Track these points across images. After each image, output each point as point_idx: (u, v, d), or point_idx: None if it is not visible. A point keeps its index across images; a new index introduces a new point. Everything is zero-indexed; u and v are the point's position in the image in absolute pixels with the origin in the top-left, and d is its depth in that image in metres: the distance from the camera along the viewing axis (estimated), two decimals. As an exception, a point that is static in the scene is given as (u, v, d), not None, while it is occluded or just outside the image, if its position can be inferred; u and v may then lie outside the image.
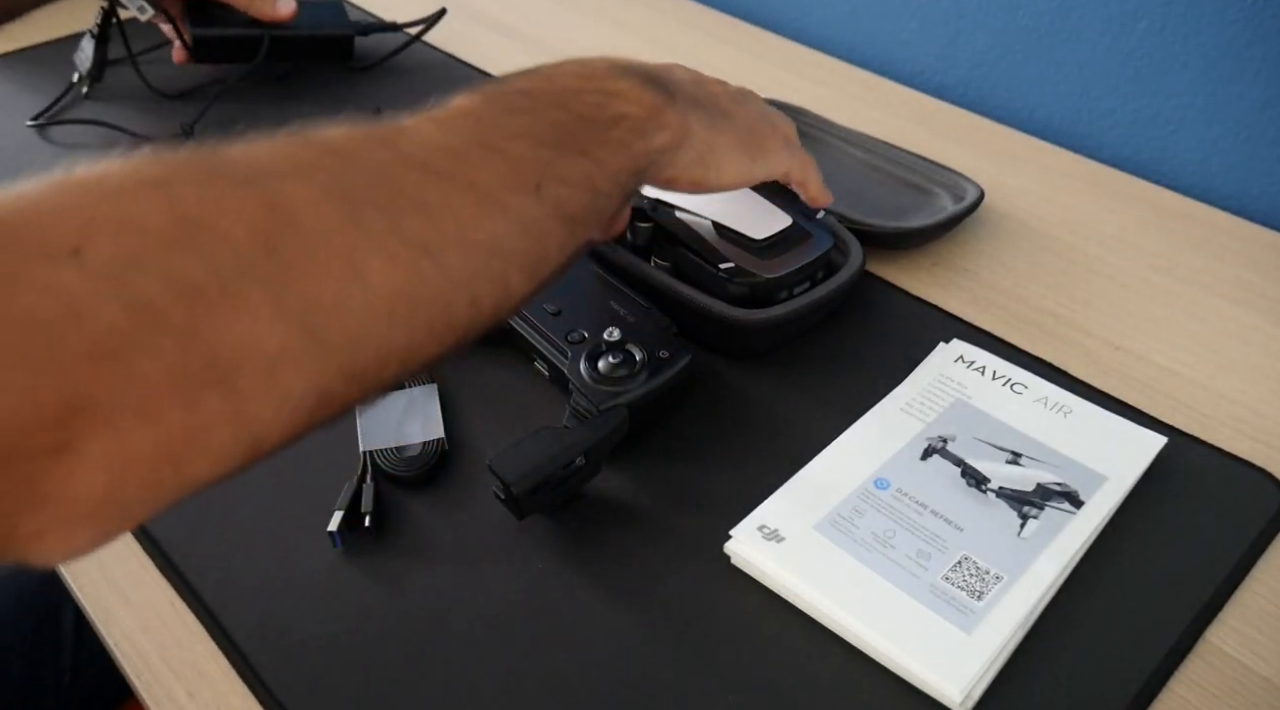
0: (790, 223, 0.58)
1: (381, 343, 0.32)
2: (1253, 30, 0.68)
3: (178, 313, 0.27)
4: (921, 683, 0.42)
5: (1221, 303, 0.63)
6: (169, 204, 0.28)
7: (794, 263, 0.57)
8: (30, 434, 0.25)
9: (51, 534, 0.27)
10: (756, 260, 0.56)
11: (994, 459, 0.51)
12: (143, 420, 0.27)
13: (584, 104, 0.41)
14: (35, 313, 0.25)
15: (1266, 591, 0.46)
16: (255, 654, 0.44)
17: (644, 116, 0.43)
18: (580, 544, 0.48)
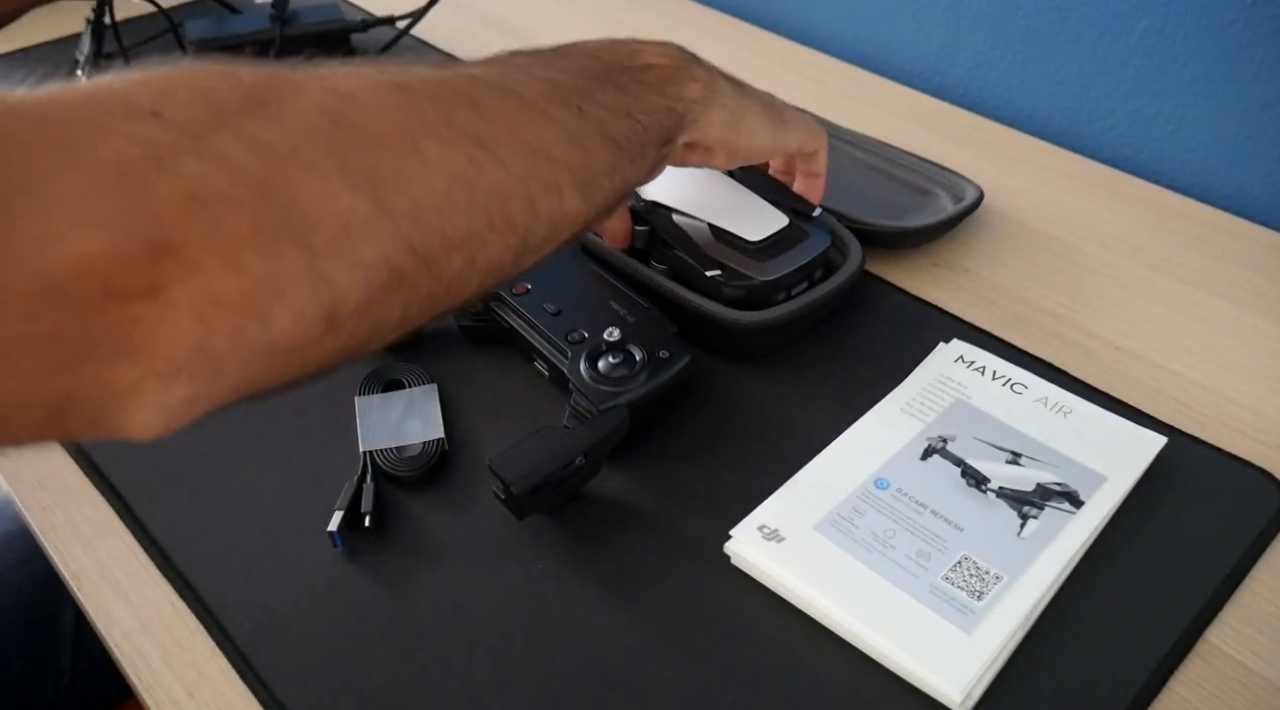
0: (787, 223, 0.58)
1: (444, 222, 0.33)
2: (1253, 30, 0.68)
3: (253, 167, 0.29)
4: (921, 683, 0.42)
5: (1221, 303, 0.63)
6: (237, 80, 0.30)
7: (790, 264, 0.56)
8: (123, 272, 0.26)
9: (148, 388, 0.28)
10: (752, 262, 0.56)
11: (994, 459, 0.51)
12: (227, 266, 0.28)
13: (615, 54, 0.43)
14: (124, 158, 0.27)
15: (1266, 591, 0.46)
16: (255, 654, 0.44)
17: (674, 67, 0.44)
18: (580, 544, 0.48)
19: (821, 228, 0.59)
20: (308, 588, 0.47)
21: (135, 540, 0.49)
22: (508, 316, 0.56)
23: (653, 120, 0.42)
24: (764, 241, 0.57)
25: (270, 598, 0.46)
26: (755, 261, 0.56)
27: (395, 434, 0.52)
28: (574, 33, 0.97)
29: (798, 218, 0.59)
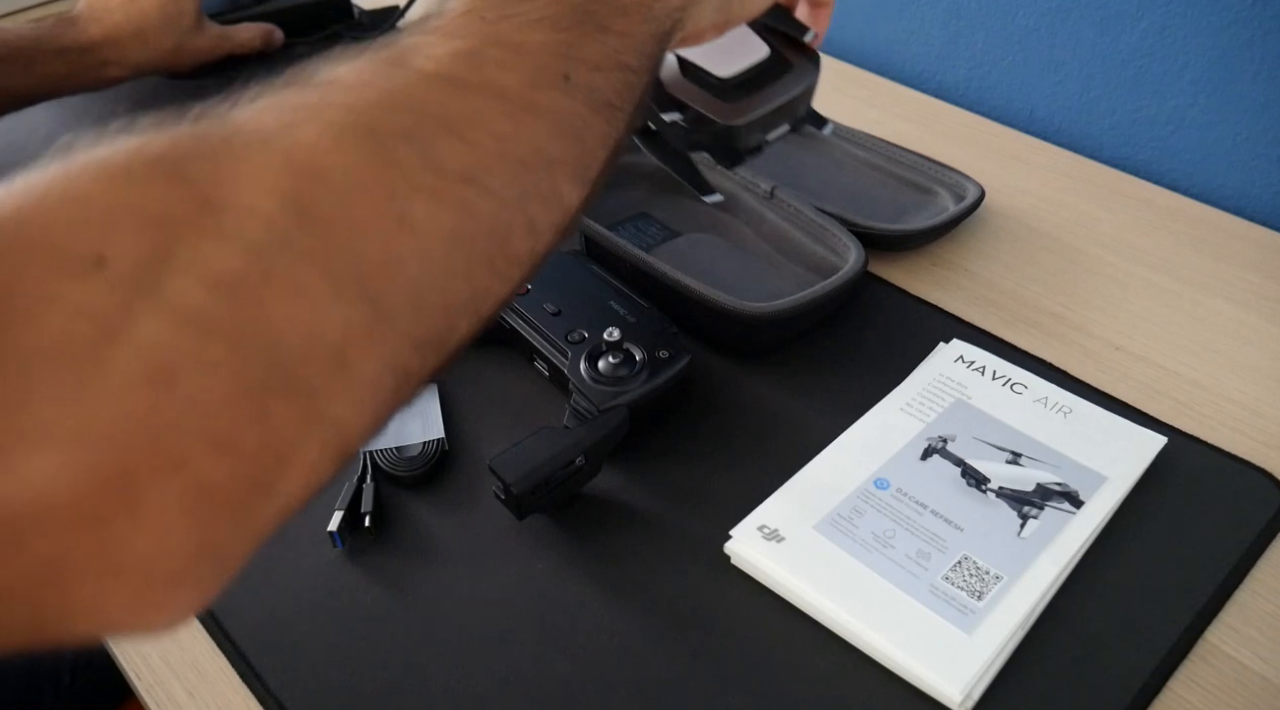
0: (767, 54, 0.49)
1: (446, 296, 0.29)
2: (1253, 31, 0.68)
3: (222, 311, 0.24)
4: (921, 683, 0.42)
5: (1221, 303, 0.63)
6: (185, 185, 0.25)
7: (763, 104, 0.48)
8: (90, 494, 0.22)
9: (146, 601, 0.24)
10: (720, 103, 0.48)
11: (994, 459, 0.51)
12: (213, 449, 0.23)
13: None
14: (71, 339, 0.22)
15: (1266, 591, 0.46)
16: (255, 654, 0.44)
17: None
18: (580, 544, 0.48)
19: (812, 62, 0.51)
20: (308, 588, 0.47)
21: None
22: (508, 316, 0.56)
23: (642, 58, 0.37)
24: (737, 77, 0.48)
25: (270, 598, 0.46)
26: (722, 103, 0.48)
27: (395, 434, 0.52)
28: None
29: (789, 47, 0.51)
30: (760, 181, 0.66)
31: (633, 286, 0.57)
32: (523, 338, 0.55)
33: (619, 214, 0.67)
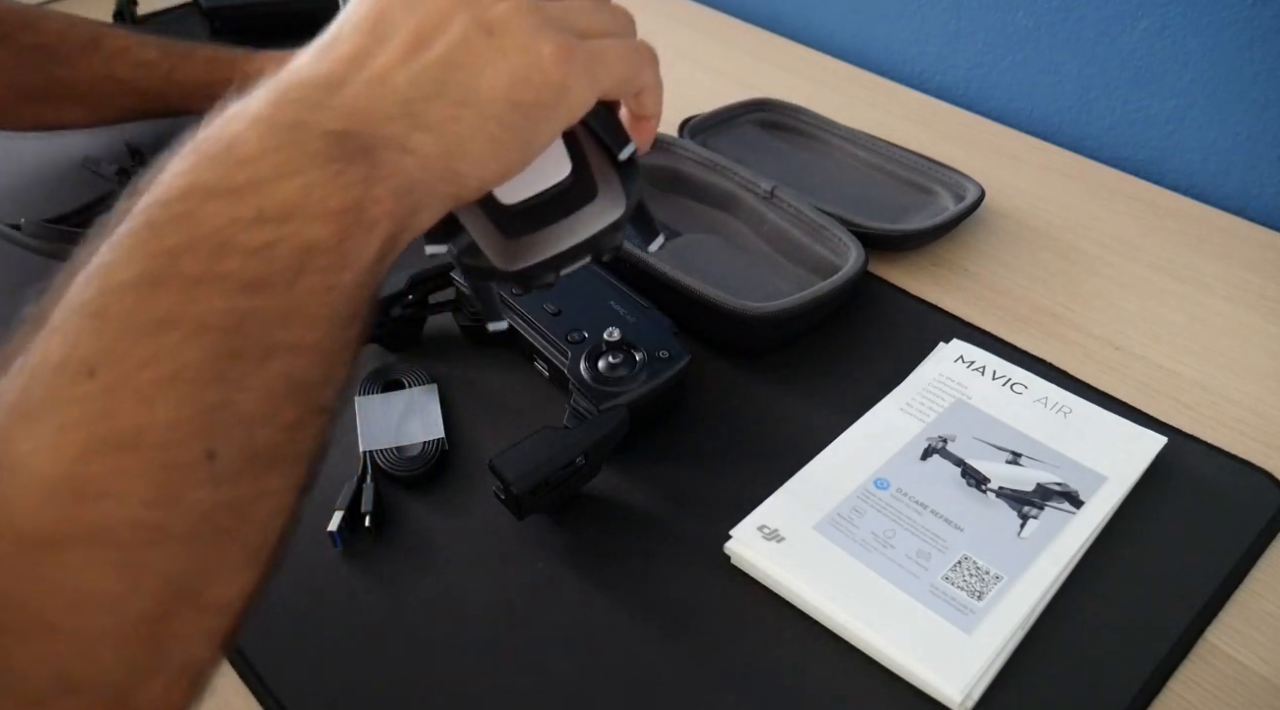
0: (567, 176, 0.38)
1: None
2: (1253, 30, 0.68)
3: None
4: (921, 683, 0.42)
5: (1221, 303, 0.63)
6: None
7: (550, 246, 0.38)
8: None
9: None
10: (500, 238, 0.38)
11: (994, 459, 0.51)
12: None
13: (249, 257, 0.29)
14: None
15: (1266, 591, 0.46)
16: (255, 654, 0.44)
17: (339, 233, 0.30)
18: (580, 544, 0.48)
19: (622, 181, 0.40)
20: (308, 588, 0.47)
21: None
22: (508, 316, 0.56)
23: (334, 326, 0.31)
24: (523, 205, 0.38)
25: (270, 598, 0.46)
26: (503, 237, 0.38)
27: (395, 434, 0.52)
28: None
29: (604, 161, 0.40)
30: (760, 181, 0.66)
31: (633, 286, 0.57)
32: (523, 338, 0.55)
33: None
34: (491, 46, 0.34)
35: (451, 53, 0.33)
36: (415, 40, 0.33)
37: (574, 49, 0.35)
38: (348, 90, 0.32)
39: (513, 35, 0.34)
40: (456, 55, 0.33)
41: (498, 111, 0.34)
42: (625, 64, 0.37)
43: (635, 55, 0.38)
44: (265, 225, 0.29)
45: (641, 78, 0.39)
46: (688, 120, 0.73)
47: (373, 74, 0.33)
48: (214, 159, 0.30)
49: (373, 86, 0.33)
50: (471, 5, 0.34)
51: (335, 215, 0.30)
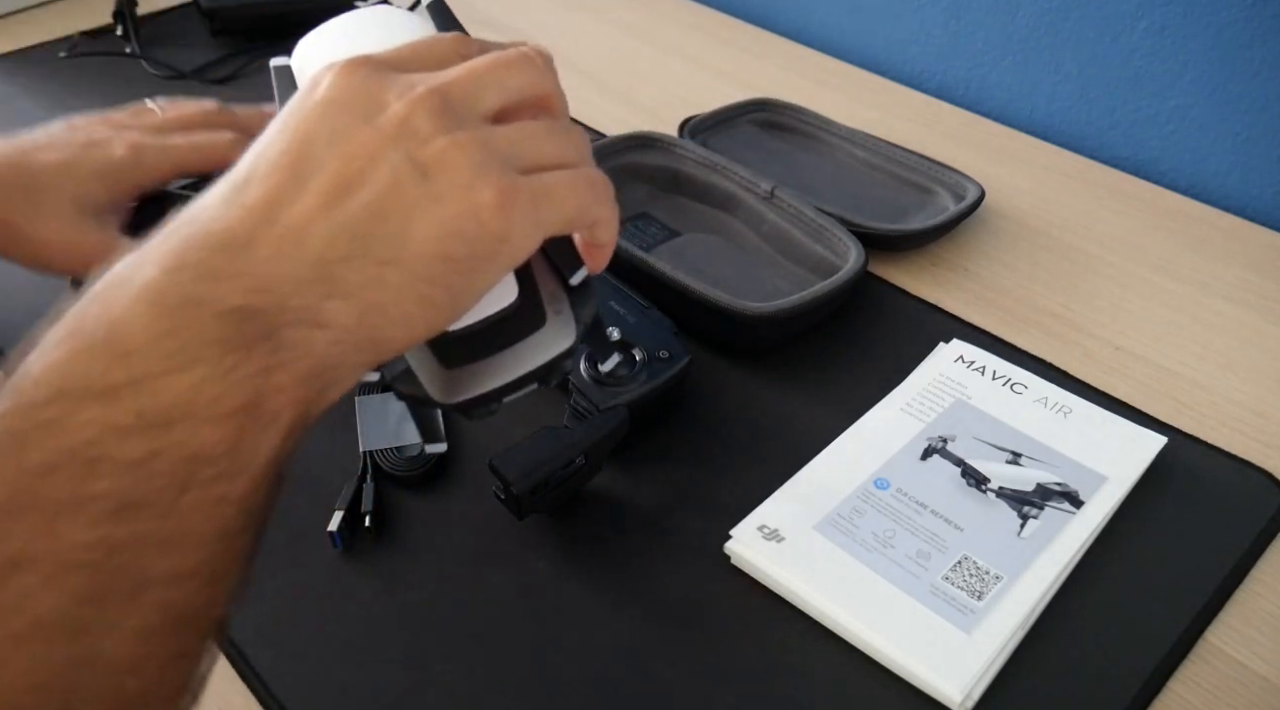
0: (513, 301, 0.36)
1: None
2: (1253, 30, 0.68)
3: None
4: (921, 683, 0.42)
5: (1221, 303, 0.63)
6: None
7: (493, 377, 0.36)
8: None
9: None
10: (438, 368, 0.36)
11: (994, 459, 0.51)
12: None
13: (125, 474, 0.25)
14: None
15: (1266, 591, 0.46)
16: (255, 654, 0.44)
17: (232, 436, 0.27)
18: (580, 544, 0.48)
19: (577, 312, 0.37)
20: (308, 588, 0.47)
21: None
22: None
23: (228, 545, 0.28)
24: (464, 331, 0.36)
25: (270, 598, 0.46)
26: (442, 367, 0.36)
27: (395, 434, 0.52)
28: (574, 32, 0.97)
29: (555, 285, 0.37)
30: (760, 181, 0.66)
31: (633, 286, 0.57)
32: (523, 338, 0.55)
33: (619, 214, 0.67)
34: (425, 192, 0.29)
35: (379, 200, 0.29)
36: (338, 183, 0.29)
37: (517, 192, 0.31)
38: (255, 252, 0.28)
39: (450, 177, 0.30)
40: (384, 203, 0.29)
41: (427, 269, 0.30)
42: (574, 201, 0.33)
43: (587, 190, 0.34)
44: (146, 433, 0.26)
45: (592, 213, 0.34)
46: (688, 120, 0.73)
47: (286, 229, 0.28)
48: (92, 348, 0.26)
49: (284, 246, 0.28)
50: (405, 138, 0.30)
51: (228, 416, 0.27)
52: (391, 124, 0.30)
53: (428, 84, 0.31)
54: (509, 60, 0.33)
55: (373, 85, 0.31)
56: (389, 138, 0.30)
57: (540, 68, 0.34)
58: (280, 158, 0.30)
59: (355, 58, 0.32)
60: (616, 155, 0.69)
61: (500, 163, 0.31)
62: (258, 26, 0.88)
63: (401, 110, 0.30)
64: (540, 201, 0.32)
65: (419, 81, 0.31)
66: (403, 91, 0.31)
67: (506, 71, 0.33)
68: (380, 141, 0.30)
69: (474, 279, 0.31)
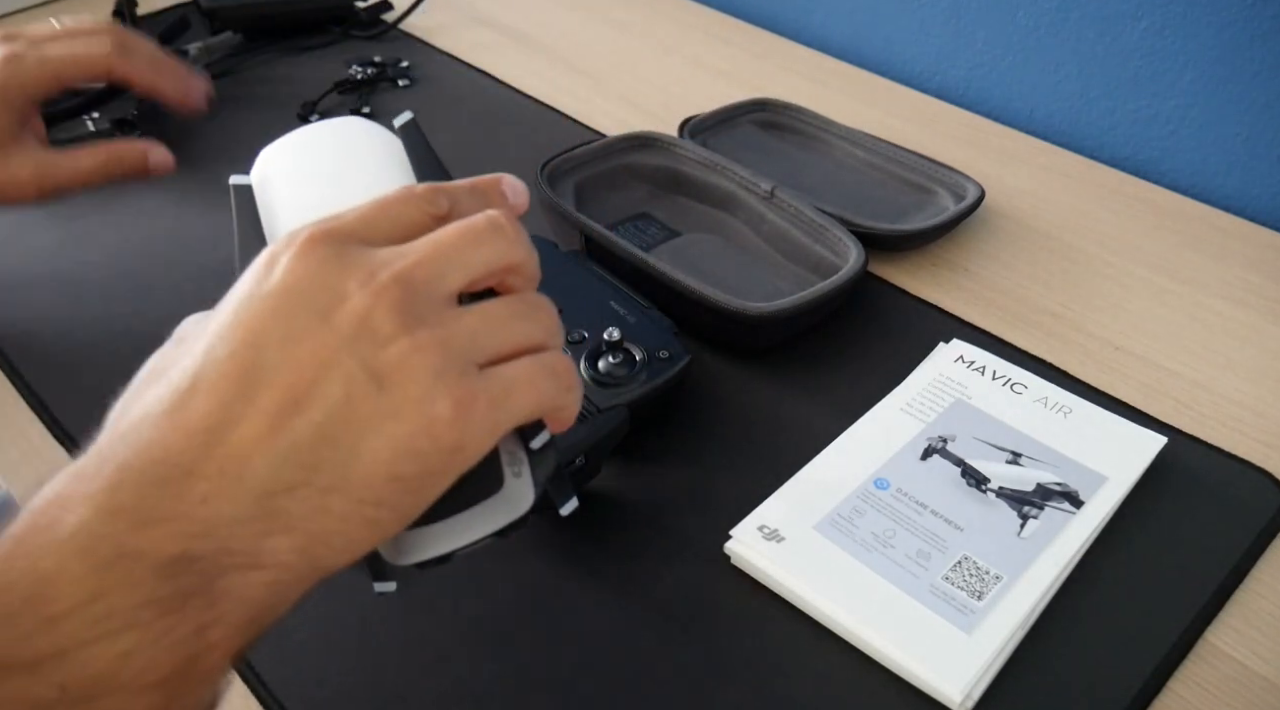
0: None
1: None
2: (1253, 30, 0.68)
3: None
4: (921, 683, 0.42)
5: (1221, 303, 0.63)
6: None
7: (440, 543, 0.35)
8: None
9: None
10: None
11: (994, 459, 0.51)
12: None
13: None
14: None
15: (1266, 591, 0.46)
16: (255, 654, 0.44)
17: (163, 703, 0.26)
18: (580, 544, 0.48)
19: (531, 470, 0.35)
20: (308, 588, 0.47)
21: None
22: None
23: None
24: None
25: (270, 598, 0.46)
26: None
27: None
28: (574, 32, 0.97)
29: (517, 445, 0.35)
30: (760, 181, 0.66)
31: (633, 286, 0.57)
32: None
33: (619, 214, 0.67)
34: (378, 407, 0.28)
35: (329, 420, 0.27)
36: (288, 399, 0.27)
37: (475, 399, 0.29)
38: (195, 487, 0.26)
39: (406, 389, 0.28)
40: (335, 423, 0.27)
41: (375, 493, 0.28)
42: (535, 397, 0.31)
43: (549, 381, 0.32)
44: (70, 708, 0.24)
45: (554, 403, 0.32)
46: (688, 120, 0.73)
47: (229, 458, 0.27)
48: (13, 615, 0.24)
49: (226, 480, 0.27)
50: (363, 340, 0.28)
51: (158, 685, 0.25)
52: (349, 323, 0.28)
53: (391, 270, 0.29)
54: (478, 233, 0.31)
55: (331, 272, 0.29)
56: (346, 340, 0.28)
57: (510, 237, 0.32)
58: (228, 362, 0.28)
59: (316, 233, 0.30)
60: (616, 155, 0.69)
61: (460, 366, 0.29)
62: (257, 26, 0.89)
63: (361, 306, 0.28)
64: (499, 404, 0.30)
65: (381, 265, 0.29)
66: (364, 279, 0.29)
67: (475, 247, 0.31)
68: (336, 345, 0.28)
69: (423, 495, 0.29)
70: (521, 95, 0.84)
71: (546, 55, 0.90)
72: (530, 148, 0.73)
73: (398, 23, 0.93)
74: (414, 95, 0.84)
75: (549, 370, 0.32)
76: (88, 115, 0.75)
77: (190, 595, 0.26)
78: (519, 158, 0.73)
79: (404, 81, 0.85)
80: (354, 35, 0.92)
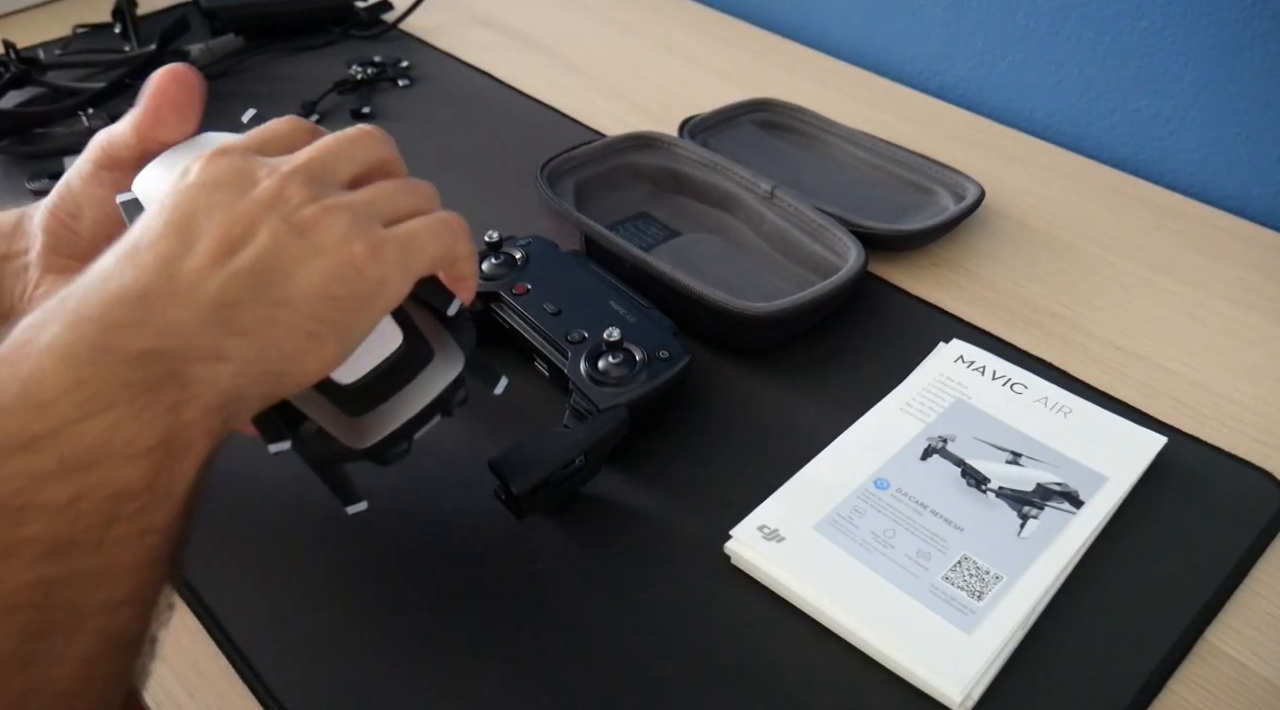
0: (400, 345, 0.39)
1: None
2: (1253, 30, 0.68)
3: None
4: (921, 683, 0.42)
5: (1222, 303, 0.63)
6: None
7: (396, 415, 0.39)
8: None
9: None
10: (344, 419, 0.38)
11: (994, 459, 0.51)
12: None
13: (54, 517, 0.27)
14: None
15: (1266, 591, 0.46)
16: (255, 654, 0.44)
17: (151, 470, 0.29)
18: (580, 544, 0.48)
19: (460, 341, 0.40)
20: (308, 587, 0.47)
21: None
22: (508, 316, 0.56)
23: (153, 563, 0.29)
24: (361, 382, 0.38)
25: (270, 598, 0.46)
26: (347, 417, 0.38)
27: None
28: (574, 32, 0.97)
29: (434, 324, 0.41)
30: (760, 181, 0.66)
31: (633, 286, 0.57)
32: (523, 338, 0.55)
33: (619, 214, 0.67)
34: (304, 247, 0.33)
35: (263, 256, 0.32)
36: (224, 244, 0.32)
37: (385, 243, 0.35)
38: (155, 302, 0.30)
39: (324, 236, 0.34)
40: (268, 259, 0.33)
41: (314, 309, 0.33)
42: (437, 244, 0.37)
43: (445, 232, 0.38)
44: (69, 477, 0.27)
45: (455, 250, 0.39)
46: (688, 120, 0.73)
47: (181, 282, 0.31)
48: (6, 406, 0.27)
49: (181, 296, 0.31)
50: (278, 206, 0.34)
51: (145, 453, 0.29)
52: (266, 195, 0.34)
53: (291, 162, 0.35)
54: (353, 137, 0.38)
55: (240, 166, 0.34)
56: (265, 206, 0.33)
57: (379, 139, 0.39)
58: (165, 227, 0.32)
59: (218, 147, 0.35)
60: (616, 155, 0.70)
61: (366, 221, 0.35)
62: (256, 26, 0.89)
63: (273, 185, 0.34)
64: (407, 250, 0.36)
65: (282, 162, 0.35)
66: (270, 170, 0.35)
67: (353, 146, 0.38)
68: (258, 210, 0.33)
69: (357, 318, 0.34)
70: (521, 95, 0.84)
71: (546, 55, 0.90)
72: (530, 148, 0.73)
73: (398, 23, 0.93)
74: (414, 95, 0.84)
75: (443, 223, 0.38)
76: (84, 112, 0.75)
77: (162, 380, 0.30)
78: (519, 158, 0.73)
79: (404, 81, 0.85)
80: (354, 35, 0.92)
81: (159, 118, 0.40)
